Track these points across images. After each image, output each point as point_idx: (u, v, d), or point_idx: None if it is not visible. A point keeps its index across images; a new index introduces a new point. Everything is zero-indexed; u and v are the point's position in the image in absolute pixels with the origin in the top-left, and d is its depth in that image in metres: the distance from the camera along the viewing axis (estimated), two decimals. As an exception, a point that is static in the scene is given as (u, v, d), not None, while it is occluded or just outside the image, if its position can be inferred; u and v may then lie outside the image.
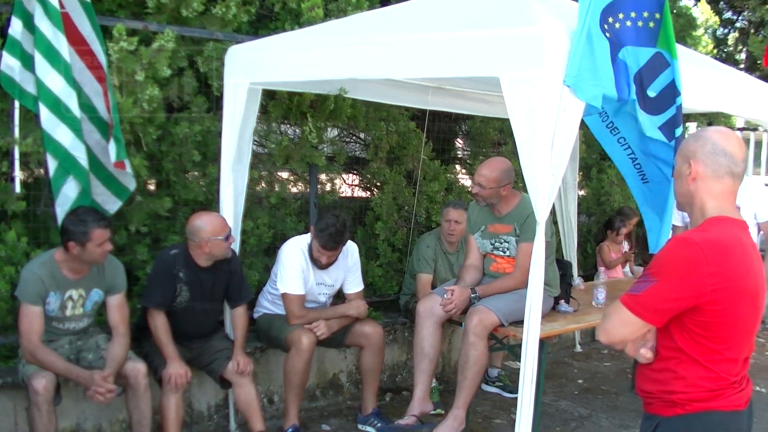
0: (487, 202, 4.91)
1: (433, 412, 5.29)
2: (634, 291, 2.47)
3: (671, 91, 3.75)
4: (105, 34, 4.54)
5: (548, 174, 3.39)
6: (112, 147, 4.43)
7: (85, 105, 4.46)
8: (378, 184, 6.76)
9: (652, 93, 3.69)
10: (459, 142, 8.38)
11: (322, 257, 5.03)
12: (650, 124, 3.77)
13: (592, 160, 8.56)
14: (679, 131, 3.83)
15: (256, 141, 5.51)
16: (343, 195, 6.80)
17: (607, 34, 3.52)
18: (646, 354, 2.56)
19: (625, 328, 2.50)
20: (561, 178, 3.52)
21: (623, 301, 2.48)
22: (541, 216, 3.43)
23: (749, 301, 2.47)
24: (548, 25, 3.48)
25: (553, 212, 6.98)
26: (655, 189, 4.20)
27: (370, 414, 5.39)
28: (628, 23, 3.58)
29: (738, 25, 13.75)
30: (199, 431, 5.30)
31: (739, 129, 10.66)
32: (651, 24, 3.62)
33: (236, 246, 5.00)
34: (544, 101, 3.41)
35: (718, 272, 2.36)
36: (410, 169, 6.77)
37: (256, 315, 5.37)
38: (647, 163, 4.19)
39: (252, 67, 4.84)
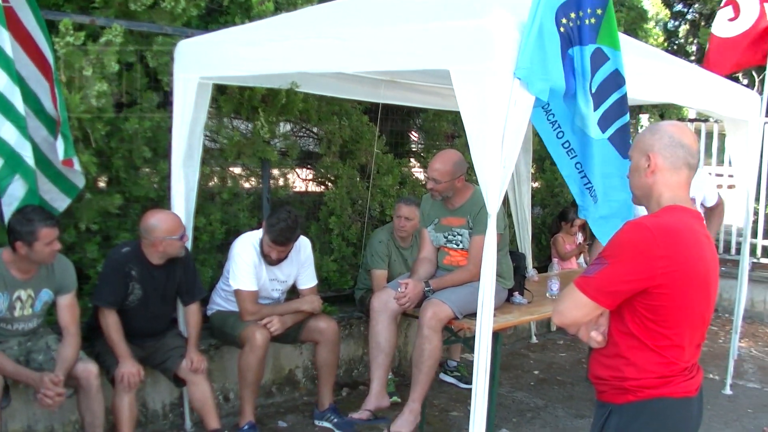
0: (444, 195, 4.91)
1: (389, 401, 5.28)
2: (587, 273, 2.51)
3: (614, 80, 3.74)
4: (51, 28, 4.46)
5: (499, 166, 3.39)
6: (59, 144, 4.35)
7: (32, 101, 4.38)
8: (331, 178, 6.73)
9: (593, 89, 3.70)
10: (414, 136, 8.38)
11: (273, 252, 5.00)
12: (592, 122, 3.77)
13: (546, 152, 8.59)
14: (620, 122, 3.82)
15: (207, 136, 5.45)
16: (297, 190, 6.76)
17: (561, 29, 3.53)
18: (596, 337, 2.59)
19: (578, 310, 2.54)
20: (512, 171, 3.52)
21: (576, 283, 2.52)
22: (492, 208, 3.43)
23: (700, 287, 2.51)
24: (498, 18, 3.47)
25: (507, 204, 7.03)
26: (613, 206, 4.09)
27: (327, 409, 5.38)
28: (587, 21, 3.60)
29: (689, 17, 13.90)
30: (154, 431, 5.24)
31: (690, 120, 10.78)
32: (593, 20, 3.62)
33: (188, 243, 4.95)
34: (495, 94, 3.40)
35: (668, 256, 2.41)
36: (364, 163, 6.75)
37: (209, 312, 5.33)
38: (599, 184, 4.08)
39: (202, 62, 4.79)
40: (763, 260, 9.75)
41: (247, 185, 6.15)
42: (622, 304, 2.50)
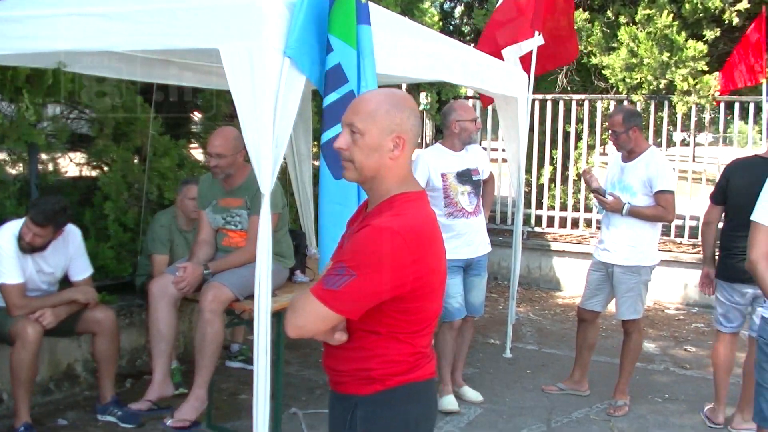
0: (226, 172, 4.83)
1: (176, 392, 5.18)
2: (330, 286, 2.29)
3: (334, 76, 3.64)
4: None
5: (271, 146, 3.37)
6: None
7: None
8: (106, 162, 6.48)
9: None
10: (197, 115, 8.22)
11: (28, 234, 4.75)
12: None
13: (327, 130, 8.65)
14: (335, 131, 3.61)
15: (-34, 120, 5.12)
16: (69, 175, 6.47)
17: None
18: (341, 337, 2.42)
19: (322, 324, 2.34)
20: (284, 150, 3.51)
21: (319, 296, 2.30)
22: (266, 188, 3.42)
23: (441, 276, 2.46)
24: (268, -5, 3.45)
25: (288, 183, 7.02)
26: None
27: (109, 402, 5.21)
28: None
29: (464, -1, 14.32)
30: None
31: (467, 97, 11.17)
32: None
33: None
34: (265, 73, 3.40)
35: (419, 259, 2.30)
36: (139, 145, 6.55)
37: (-26, 309, 5.02)
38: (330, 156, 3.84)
39: (-44, 40, 4.48)
40: (537, 229, 10.28)
41: (13, 171, 5.83)
42: None
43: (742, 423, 5.23)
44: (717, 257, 5.39)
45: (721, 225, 5.46)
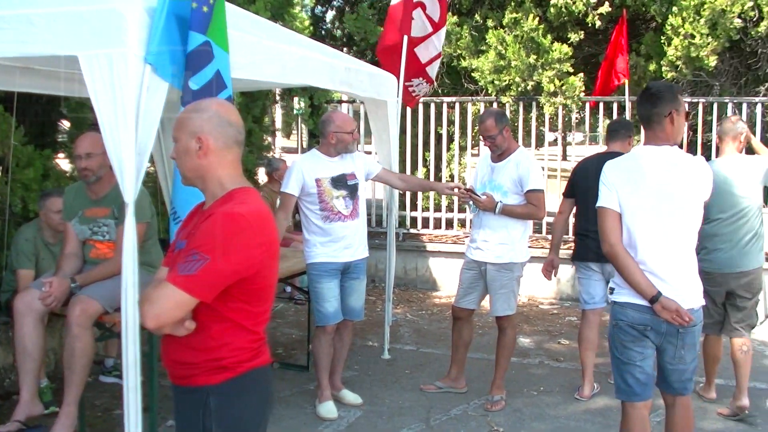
0: (97, 174, 4.72)
1: (46, 412, 5.01)
2: (186, 272, 2.42)
3: (216, 84, 3.65)
4: None
5: (134, 153, 3.32)
6: None
7: None
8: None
9: (194, 86, 3.59)
10: (64, 124, 7.97)
11: None
12: None
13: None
14: None
15: None
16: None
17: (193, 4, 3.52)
18: (190, 326, 2.51)
19: (179, 310, 2.46)
20: (147, 157, 3.46)
21: (177, 283, 2.43)
22: (129, 196, 3.36)
23: (276, 266, 2.67)
24: (127, 2, 3.38)
25: (159, 192, 6.89)
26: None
27: (-25, 425, 5.00)
28: (194, 5, 3.54)
29: (335, 3, 14.35)
30: None
31: (339, 101, 11.22)
32: (205, 9, 3.57)
33: None
34: (126, 80, 3.35)
35: (265, 242, 2.52)
36: (1, 156, 6.30)
37: None
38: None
39: None
40: (413, 230, 10.38)
41: None
42: None
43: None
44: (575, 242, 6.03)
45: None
